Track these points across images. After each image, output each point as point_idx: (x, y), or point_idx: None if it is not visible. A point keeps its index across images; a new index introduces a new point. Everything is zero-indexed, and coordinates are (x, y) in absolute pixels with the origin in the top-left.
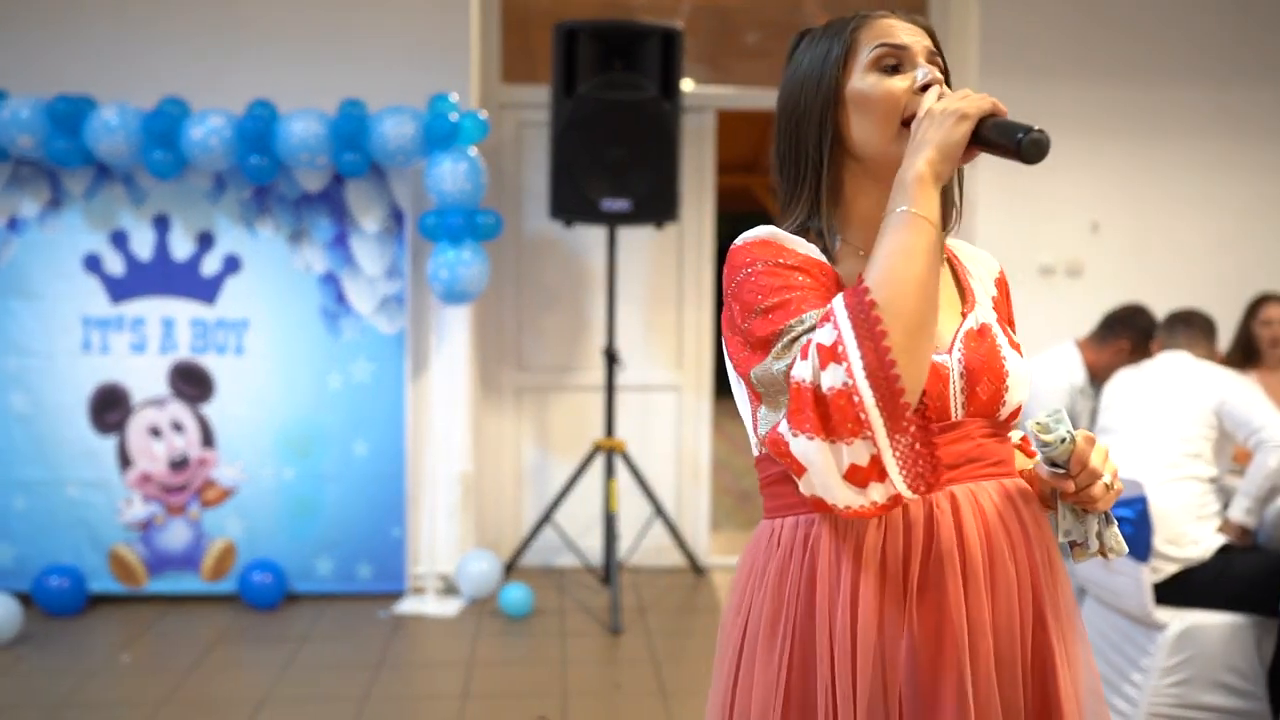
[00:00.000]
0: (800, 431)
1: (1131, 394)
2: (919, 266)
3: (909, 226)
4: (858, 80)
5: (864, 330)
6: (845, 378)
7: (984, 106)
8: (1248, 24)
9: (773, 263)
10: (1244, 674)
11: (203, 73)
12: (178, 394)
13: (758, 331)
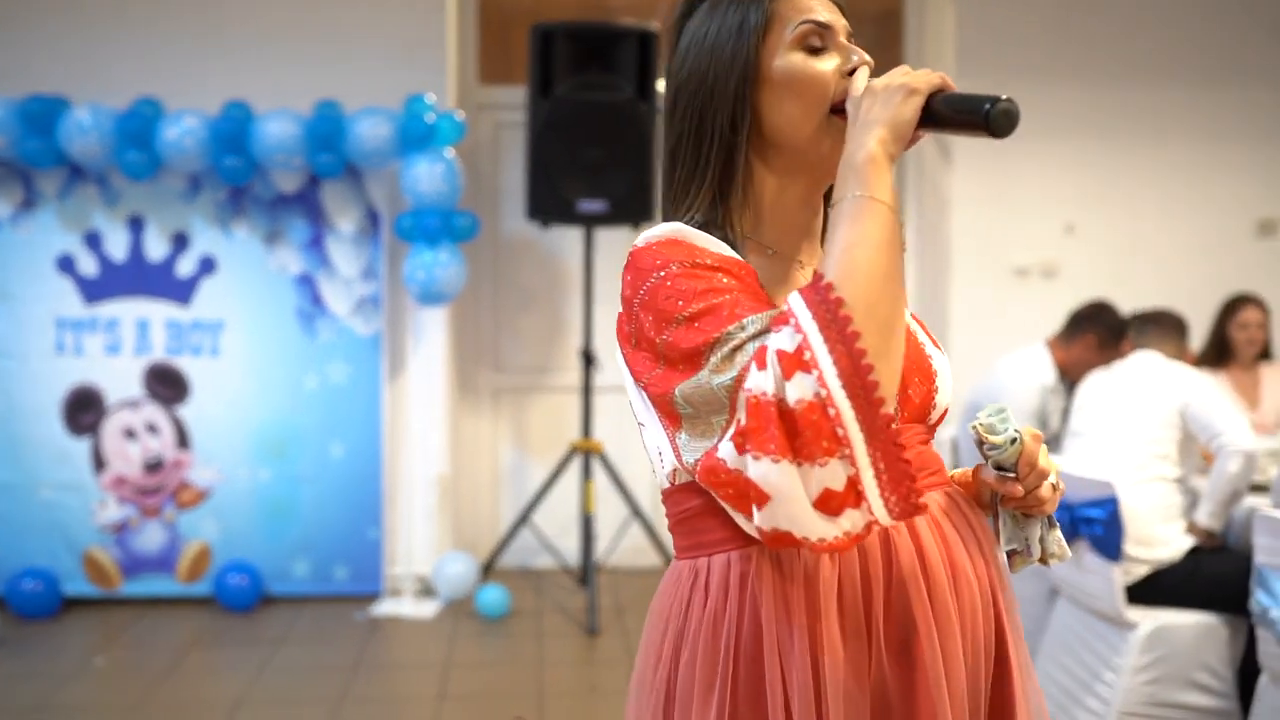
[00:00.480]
0: (762, 453)
1: (1101, 396)
2: (884, 257)
3: (867, 213)
4: (781, 58)
5: (834, 332)
6: (817, 387)
7: (933, 81)
8: (1222, 27)
9: (689, 264)
10: (1215, 672)
11: (177, 73)
12: (153, 395)
13: (682, 344)
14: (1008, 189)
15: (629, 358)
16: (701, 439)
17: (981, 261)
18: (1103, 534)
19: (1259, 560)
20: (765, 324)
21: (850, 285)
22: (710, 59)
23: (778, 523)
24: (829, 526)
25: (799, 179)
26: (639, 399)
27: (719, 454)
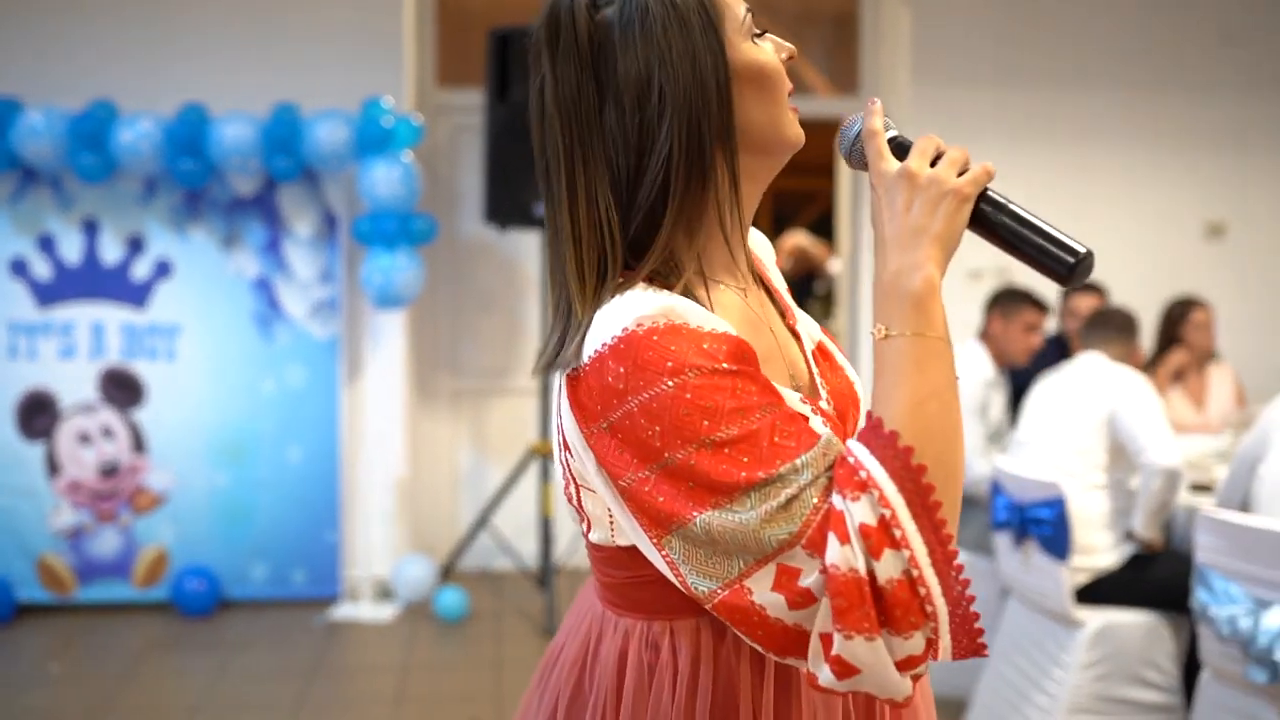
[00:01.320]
0: (856, 633)
1: (1043, 402)
2: (955, 411)
3: (935, 357)
4: (740, 50)
5: (919, 506)
6: (908, 566)
7: (980, 179)
8: (1170, 35)
9: (707, 370)
10: (1160, 669)
11: (132, 75)
12: (108, 400)
13: (712, 473)
14: None
15: (594, 439)
16: (709, 569)
17: None
18: (1051, 534)
19: (1200, 559)
20: (822, 470)
21: (931, 449)
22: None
23: (859, 686)
24: (904, 685)
25: (761, 179)
26: (597, 477)
27: (756, 600)
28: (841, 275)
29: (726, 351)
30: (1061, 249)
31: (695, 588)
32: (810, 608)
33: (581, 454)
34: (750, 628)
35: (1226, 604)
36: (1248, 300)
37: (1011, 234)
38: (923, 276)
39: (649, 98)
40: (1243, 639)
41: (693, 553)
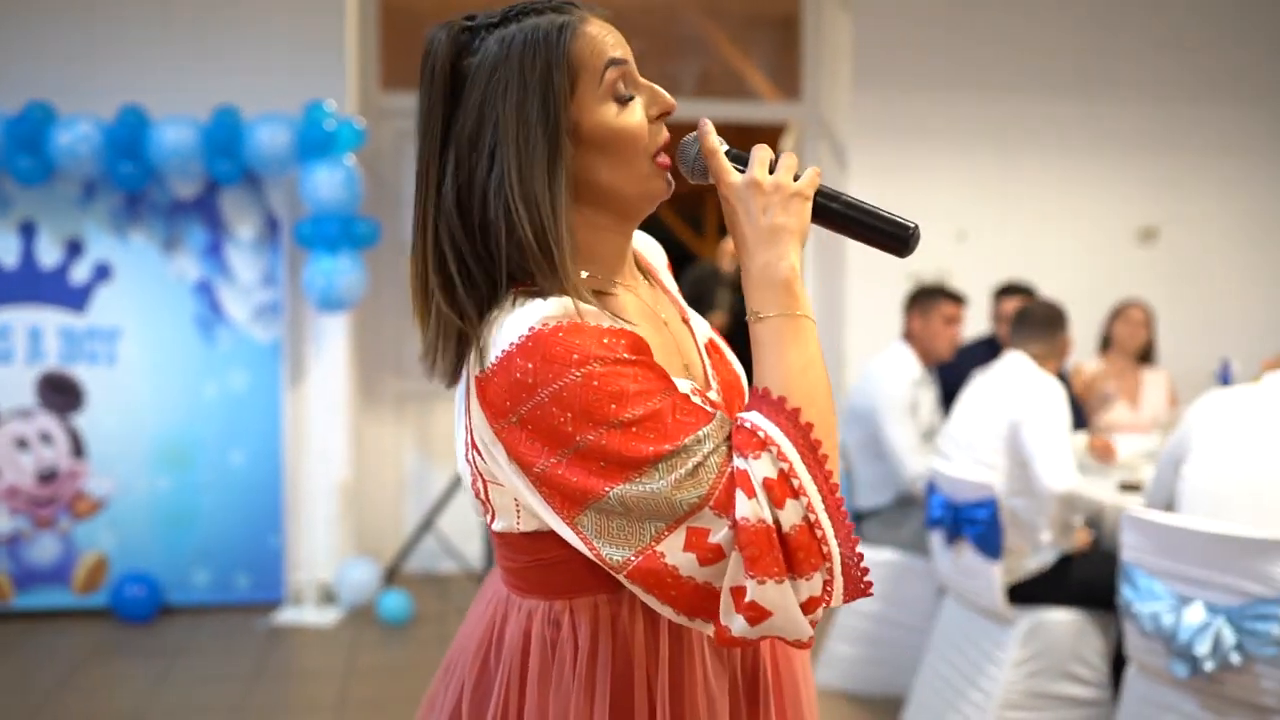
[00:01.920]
0: (767, 577)
1: (966, 406)
2: (827, 377)
3: (806, 332)
4: (597, 113)
5: (811, 458)
6: (806, 513)
7: (815, 181)
8: (1106, 42)
9: (609, 360)
10: (1089, 664)
11: (69, 77)
12: (46, 405)
13: (623, 450)
14: (902, 197)
15: (504, 434)
16: (623, 538)
17: (876, 268)
18: (984, 533)
19: (1125, 557)
20: (721, 439)
21: (814, 409)
22: (519, 130)
23: (769, 632)
24: (808, 626)
25: (615, 221)
26: (508, 470)
27: (668, 561)
28: None
29: (625, 344)
30: (895, 226)
31: (610, 558)
32: (719, 564)
33: (491, 449)
34: (663, 590)
35: (1150, 601)
36: (1181, 302)
37: (851, 220)
38: (787, 266)
39: (480, 151)
40: (1165, 634)
41: (606, 525)
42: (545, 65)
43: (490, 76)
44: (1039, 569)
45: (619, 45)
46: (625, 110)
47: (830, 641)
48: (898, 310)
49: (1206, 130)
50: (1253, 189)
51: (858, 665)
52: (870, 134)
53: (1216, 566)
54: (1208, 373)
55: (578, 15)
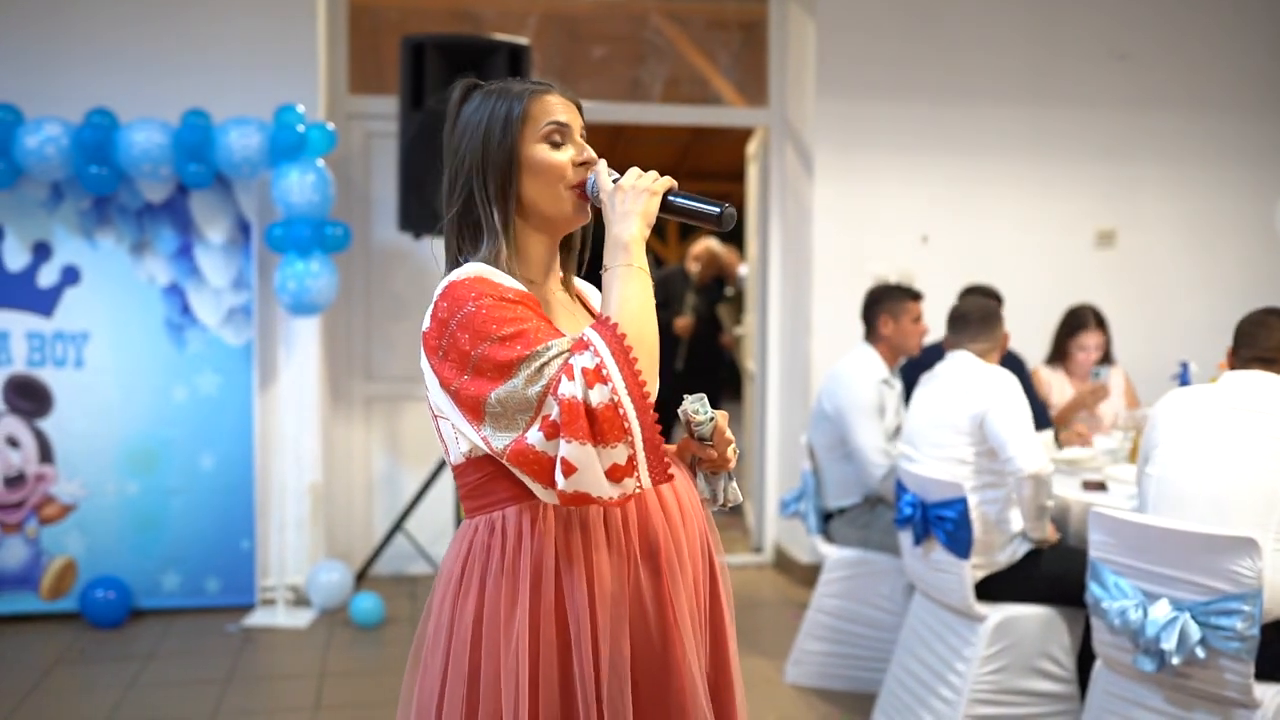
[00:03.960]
0: (574, 439)
1: (917, 405)
2: (647, 306)
3: (635, 278)
4: (534, 149)
5: (621, 357)
6: (611, 395)
7: (665, 185)
8: (1059, 50)
9: (498, 297)
10: (1056, 660)
11: (36, 80)
12: (13, 409)
13: (496, 357)
14: (866, 202)
15: (436, 365)
16: (508, 431)
17: (842, 271)
18: (953, 531)
19: (1093, 554)
20: (566, 346)
21: (631, 325)
22: (484, 143)
23: (580, 487)
24: (614, 489)
25: (547, 232)
26: (443, 398)
27: (528, 440)
28: (750, 278)
29: (515, 294)
30: (710, 209)
31: (497, 446)
32: (557, 438)
33: (431, 384)
34: (526, 464)
35: (1118, 597)
36: (1137, 304)
37: (685, 210)
38: (628, 234)
39: (458, 155)
40: (1132, 630)
41: (495, 422)
42: (508, 110)
43: (475, 112)
44: (1008, 563)
45: (566, 113)
46: (555, 152)
47: (801, 639)
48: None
49: (1158, 137)
50: (1204, 193)
51: (828, 662)
52: (835, 139)
53: (1181, 564)
54: (1163, 373)
55: (544, 89)
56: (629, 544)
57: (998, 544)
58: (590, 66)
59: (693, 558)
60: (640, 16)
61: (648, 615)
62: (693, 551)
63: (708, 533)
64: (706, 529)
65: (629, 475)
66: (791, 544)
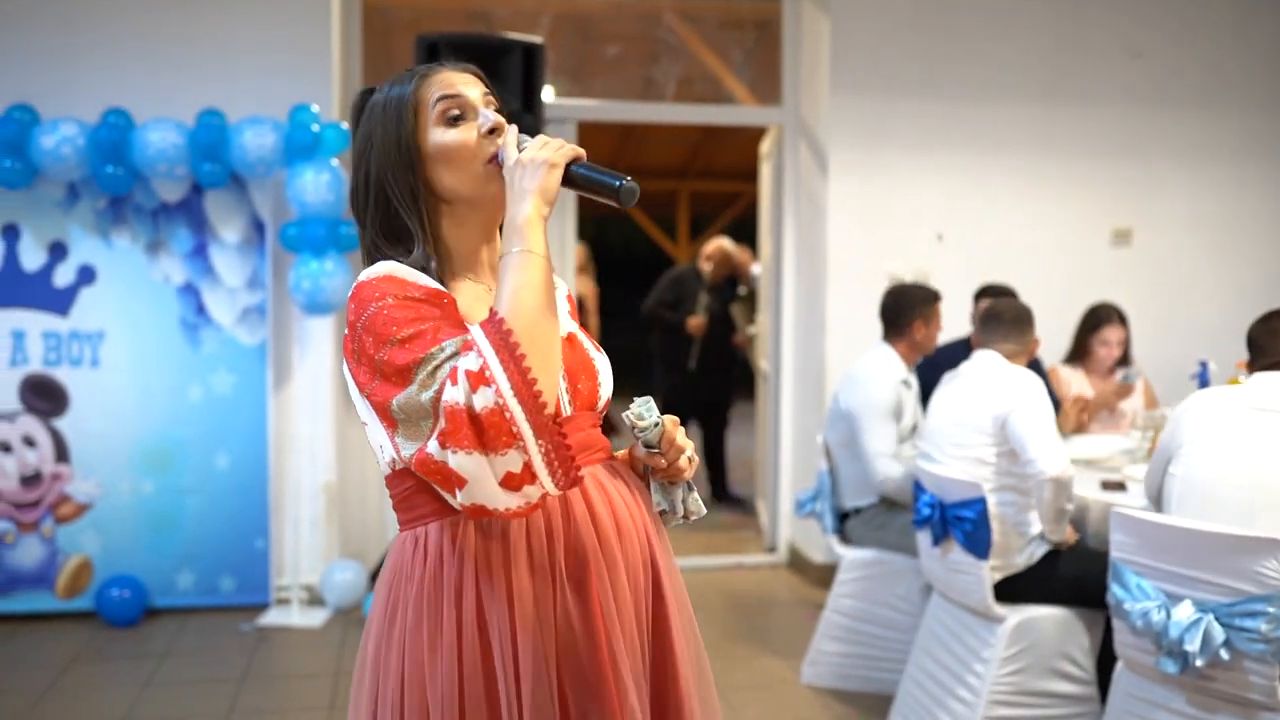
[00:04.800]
0: (459, 448)
1: (944, 407)
2: (542, 296)
3: (528, 264)
4: (433, 135)
5: (506, 355)
6: (495, 398)
7: (568, 154)
8: (1073, 47)
9: (402, 296)
10: (1076, 661)
11: (52, 81)
12: (29, 408)
13: (396, 361)
14: (881, 200)
15: (353, 371)
16: (414, 439)
17: (856, 268)
18: (972, 532)
19: (1114, 555)
20: (459, 347)
21: (518, 319)
22: (382, 149)
23: (475, 499)
24: (512, 498)
25: (476, 218)
26: (362, 404)
27: (428, 450)
28: (763, 277)
29: (423, 293)
30: (611, 182)
31: (405, 455)
32: (447, 448)
33: (352, 389)
34: (431, 473)
35: (1140, 599)
36: (1154, 303)
37: (588, 182)
38: (524, 214)
39: (363, 160)
40: (1155, 632)
41: (405, 430)
42: (399, 103)
43: (370, 115)
44: (1026, 564)
45: (458, 85)
46: (454, 129)
47: (817, 639)
48: (877, 310)
49: (1175, 134)
50: (1221, 191)
51: (845, 663)
52: (849, 137)
53: (1205, 565)
54: (1180, 373)
55: (433, 70)
56: (554, 563)
57: (1016, 546)
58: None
59: (632, 575)
60: (653, 16)
61: (577, 643)
62: (631, 567)
63: (653, 545)
64: (652, 541)
65: (528, 482)
66: (806, 544)
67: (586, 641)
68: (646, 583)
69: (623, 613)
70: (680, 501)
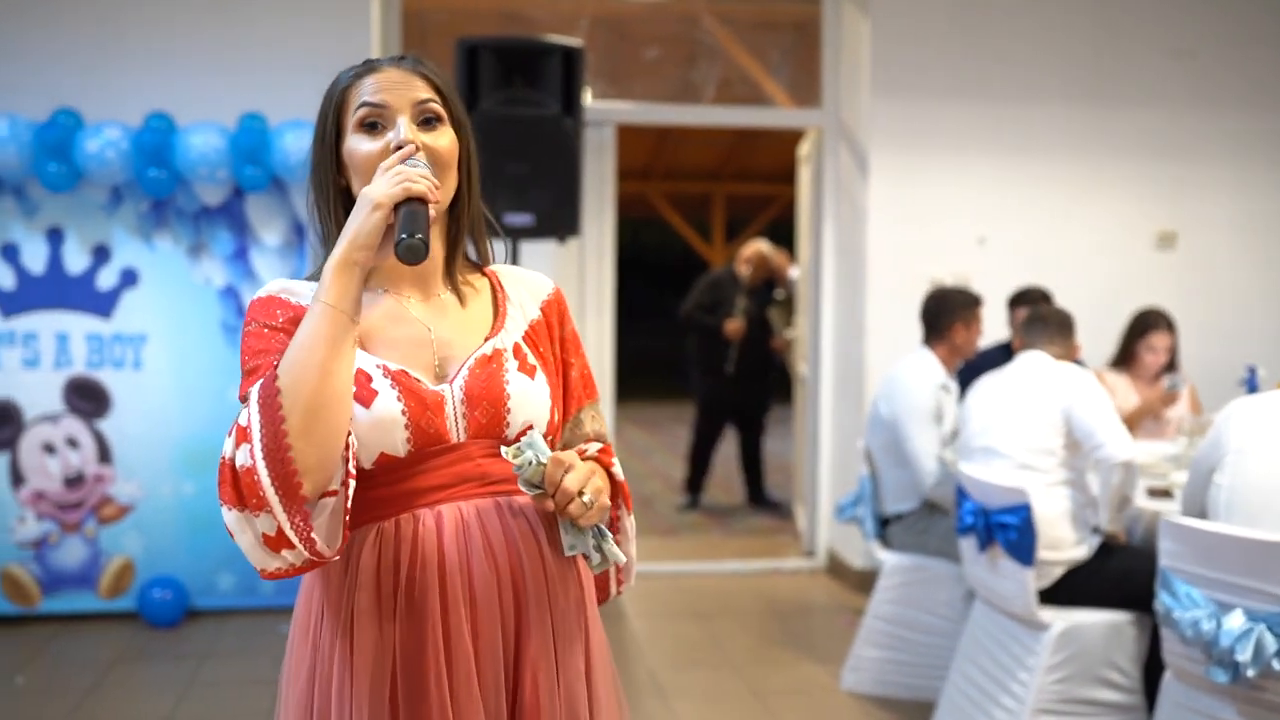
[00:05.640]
0: (224, 502)
1: (992, 402)
2: (321, 354)
3: (319, 316)
4: (349, 140)
5: (267, 414)
6: (248, 458)
7: (396, 194)
8: (1116, 49)
9: (263, 324)
10: (1122, 670)
11: (96, 84)
12: (73, 410)
13: (240, 393)
14: (922, 203)
15: None
16: None
17: (896, 272)
18: (1016, 539)
19: (1163, 563)
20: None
21: (288, 375)
22: (313, 145)
23: (246, 552)
24: (271, 559)
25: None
26: None
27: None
28: (801, 280)
29: (286, 318)
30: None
31: None
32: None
33: None
34: None
35: (1189, 608)
36: (1199, 307)
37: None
38: (332, 260)
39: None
40: (1205, 641)
41: None
42: (326, 106)
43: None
44: (1081, 557)
45: (392, 91)
46: (368, 139)
47: (858, 645)
48: (917, 313)
49: (1221, 135)
50: (1267, 193)
51: (886, 669)
52: (890, 139)
53: (1256, 573)
54: (1224, 378)
55: (370, 69)
56: (397, 598)
57: (1072, 539)
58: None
59: (483, 617)
60: (691, 18)
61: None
62: (483, 610)
63: (521, 592)
64: (521, 586)
65: (286, 547)
66: (844, 548)
67: (417, 680)
68: (507, 626)
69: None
70: (592, 549)
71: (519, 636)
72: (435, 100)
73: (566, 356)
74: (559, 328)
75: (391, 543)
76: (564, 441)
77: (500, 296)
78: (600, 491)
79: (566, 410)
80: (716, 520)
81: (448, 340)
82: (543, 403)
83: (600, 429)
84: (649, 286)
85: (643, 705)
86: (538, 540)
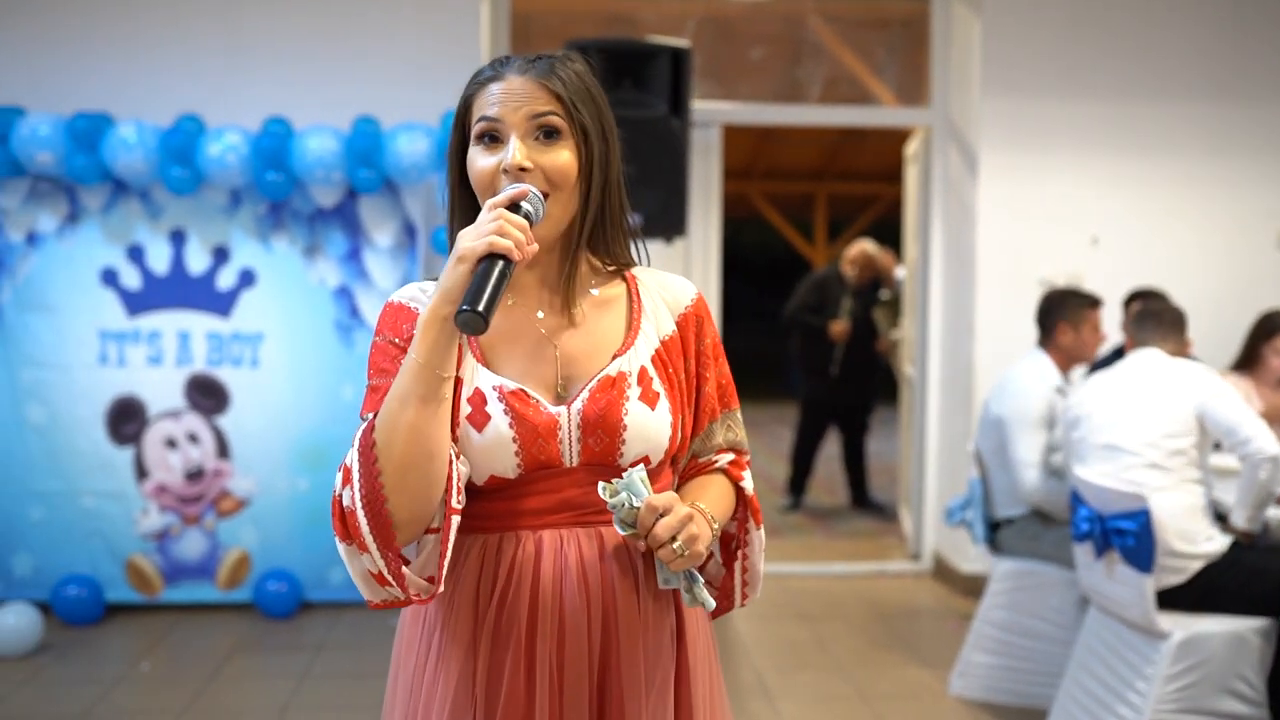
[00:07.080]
0: (336, 535)
1: (1112, 399)
2: (410, 414)
3: (409, 373)
4: (470, 151)
5: (364, 464)
6: (350, 501)
7: (479, 250)
8: (1238, 44)
9: (389, 339)
10: (1247, 680)
11: (217, 90)
12: (194, 406)
13: (362, 408)
14: (1033, 201)
15: None
16: None
17: (1007, 272)
18: (1134, 545)
19: None
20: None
21: (383, 432)
22: (447, 150)
23: (360, 586)
24: (377, 592)
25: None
26: None
27: None
28: (909, 280)
29: (408, 336)
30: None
31: None
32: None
33: None
34: None
35: None
36: None
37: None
38: (423, 315)
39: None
40: None
41: None
42: (459, 106)
43: None
44: (1218, 551)
45: (507, 104)
46: (485, 152)
47: (967, 650)
48: (1028, 318)
49: None
50: None
51: (995, 675)
52: (1001, 139)
53: None
54: None
55: (495, 75)
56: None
57: (1204, 533)
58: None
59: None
60: (797, 17)
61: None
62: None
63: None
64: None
65: (388, 584)
66: (951, 552)
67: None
68: (594, 658)
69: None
70: (684, 590)
71: (604, 670)
72: (556, 113)
73: (702, 370)
74: (695, 341)
75: (493, 560)
76: (693, 452)
77: (635, 308)
78: (694, 540)
79: (698, 424)
80: (819, 522)
81: (573, 357)
82: (660, 433)
83: (735, 437)
84: (749, 286)
85: (749, 707)
86: (635, 573)
